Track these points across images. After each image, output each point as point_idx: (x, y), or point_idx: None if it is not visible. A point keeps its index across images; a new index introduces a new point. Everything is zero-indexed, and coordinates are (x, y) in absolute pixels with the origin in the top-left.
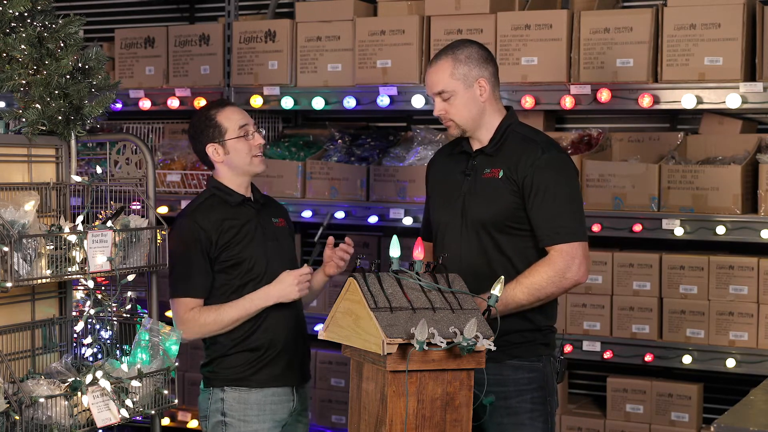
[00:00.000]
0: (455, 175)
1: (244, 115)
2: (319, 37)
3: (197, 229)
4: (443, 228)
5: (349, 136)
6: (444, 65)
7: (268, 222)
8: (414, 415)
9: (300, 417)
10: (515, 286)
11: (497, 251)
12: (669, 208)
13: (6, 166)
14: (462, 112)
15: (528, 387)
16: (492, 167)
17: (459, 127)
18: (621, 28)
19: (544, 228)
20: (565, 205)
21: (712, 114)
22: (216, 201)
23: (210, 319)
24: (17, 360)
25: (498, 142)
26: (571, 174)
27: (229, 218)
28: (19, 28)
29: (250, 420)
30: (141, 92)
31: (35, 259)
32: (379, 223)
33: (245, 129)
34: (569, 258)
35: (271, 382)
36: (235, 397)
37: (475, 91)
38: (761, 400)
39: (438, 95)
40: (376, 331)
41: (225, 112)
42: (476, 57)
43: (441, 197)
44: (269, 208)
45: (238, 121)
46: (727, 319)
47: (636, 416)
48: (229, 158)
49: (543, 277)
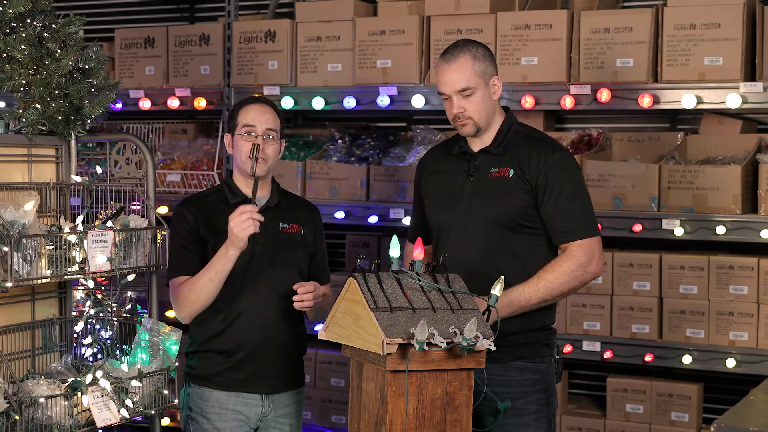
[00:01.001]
0: (456, 176)
1: (260, 117)
2: (319, 37)
3: (187, 214)
4: (445, 228)
5: (349, 136)
6: (466, 62)
7: (270, 226)
8: (414, 415)
9: (276, 423)
10: (537, 282)
11: (507, 250)
12: (669, 208)
13: (6, 166)
14: (480, 110)
15: (533, 388)
16: (499, 166)
17: (476, 125)
18: (621, 28)
19: (562, 225)
20: (579, 201)
21: (712, 114)
22: (218, 197)
23: (185, 288)
24: (17, 360)
25: (502, 141)
26: (579, 171)
27: (222, 215)
28: (19, 28)
29: (211, 417)
30: (141, 92)
31: (35, 259)
32: (379, 223)
33: (251, 129)
34: (590, 252)
35: (232, 386)
36: (198, 393)
37: (491, 88)
38: (761, 400)
39: (459, 93)
40: (376, 331)
41: (246, 108)
42: (489, 55)
43: (440, 198)
44: (284, 211)
45: (248, 120)
46: (727, 319)
47: (636, 416)
48: (235, 154)
49: (566, 271)
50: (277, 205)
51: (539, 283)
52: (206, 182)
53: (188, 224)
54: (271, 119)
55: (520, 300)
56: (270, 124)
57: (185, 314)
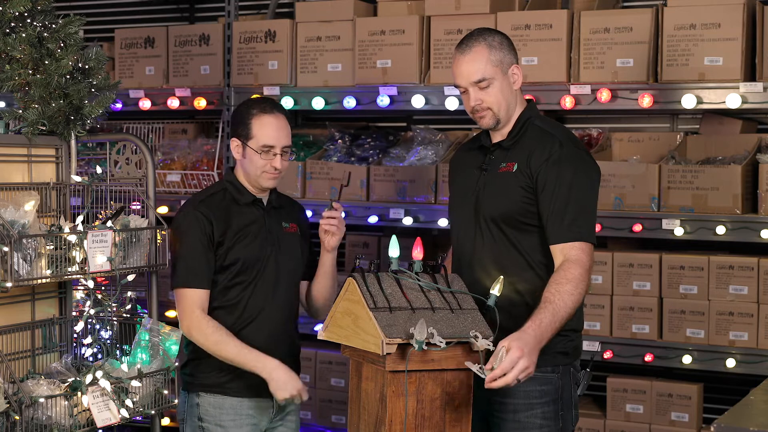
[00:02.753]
0: (472, 171)
1: (278, 135)
2: (319, 37)
3: (202, 219)
4: (458, 225)
5: (349, 136)
6: (481, 52)
7: (275, 227)
8: (413, 415)
9: (283, 421)
10: (560, 299)
11: (512, 247)
12: (669, 208)
13: (6, 166)
14: (500, 101)
15: (539, 401)
16: (508, 161)
17: (495, 116)
18: (621, 28)
19: (557, 224)
20: (578, 201)
21: (712, 114)
22: (226, 196)
23: (211, 337)
24: (17, 360)
25: (516, 135)
26: (590, 173)
27: (235, 216)
28: (19, 28)
29: (227, 425)
30: (141, 92)
31: (35, 259)
32: (379, 223)
33: (269, 149)
34: (590, 258)
35: (246, 391)
36: (210, 401)
37: (510, 78)
38: (761, 400)
39: (476, 84)
40: (375, 331)
41: (263, 120)
42: (507, 43)
43: (457, 194)
44: (283, 211)
45: (267, 139)
46: (727, 319)
47: (636, 416)
48: (245, 162)
49: (578, 279)
50: (277, 206)
51: (562, 297)
52: (206, 182)
53: (204, 227)
54: (287, 135)
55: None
56: (287, 140)
57: (195, 341)
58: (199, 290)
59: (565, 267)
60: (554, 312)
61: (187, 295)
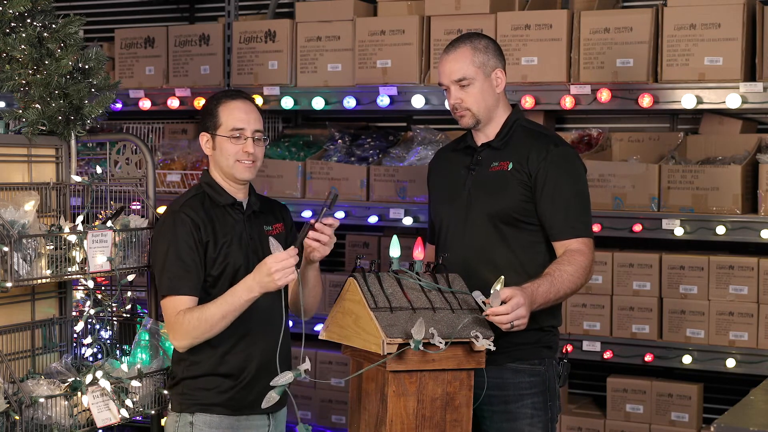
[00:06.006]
0: (459, 171)
1: (247, 117)
2: (319, 37)
3: (189, 222)
4: (446, 223)
5: (349, 136)
6: (464, 52)
7: (256, 230)
8: (414, 415)
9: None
10: (560, 276)
11: (504, 245)
12: (669, 208)
13: (6, 166)
14: (479, 101)
15: (528, 392)
16: (500, 160)
17: (474, 116)
18: (621, 28)
19: (561, 221)
20: (579, 199)
21: (712, 114)
22: (205, 198)
23: (194, 320)
24: (17, 360)
25: (505, 135)
26: (582, 170)
27: (216, 219)
28: (19, 28)
29: None
30: (141, 92)
31: (35, 259)
32: (379, 223)
33: (240, 132)
34: (591, 252)
35: (243, 409)
36: (206, 420)
37: (492, 81)
38: (761, 400)
39: (456, 83)
40: (376, 331)
41: (230, 105)
42: (493, 48)
43: (443, 194)
44: (264, 214)
45: (235, 122)
46: (727, 319)
47: (636, 416)
48: (216, 154)
49: (583, 266)
50: (258, 209)
51: (562, 275)
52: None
53: (192, 232)
54: (258, 118)
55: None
56: (258, 124)
57: (185, 344)
58: (185, 297)
59: (570, 253)
60: (552, 284)
61: (170, 303)
